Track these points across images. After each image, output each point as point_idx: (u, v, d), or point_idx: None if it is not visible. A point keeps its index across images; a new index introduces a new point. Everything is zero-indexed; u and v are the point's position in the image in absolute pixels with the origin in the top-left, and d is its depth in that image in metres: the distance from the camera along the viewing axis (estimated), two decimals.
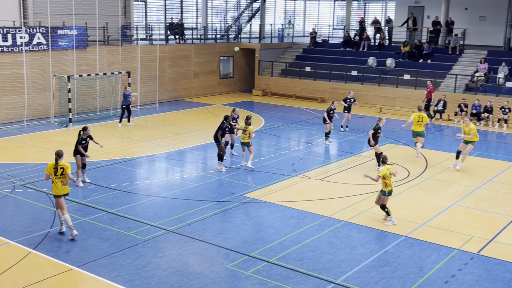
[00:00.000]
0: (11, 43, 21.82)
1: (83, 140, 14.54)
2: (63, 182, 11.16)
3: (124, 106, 21.92)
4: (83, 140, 14.54)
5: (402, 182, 15.58)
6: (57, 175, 11.09)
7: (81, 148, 14.41)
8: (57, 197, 11.21)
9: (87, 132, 14.55)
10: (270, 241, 11.31)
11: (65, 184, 11.17)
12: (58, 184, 11.12)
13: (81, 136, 14.52)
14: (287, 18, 40.87)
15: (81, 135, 14.52)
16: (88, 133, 14.59)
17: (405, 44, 30.45)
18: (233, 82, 33.41)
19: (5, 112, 21.78)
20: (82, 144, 14.52)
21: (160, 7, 32.72)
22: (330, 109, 19.89)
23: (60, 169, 11.10)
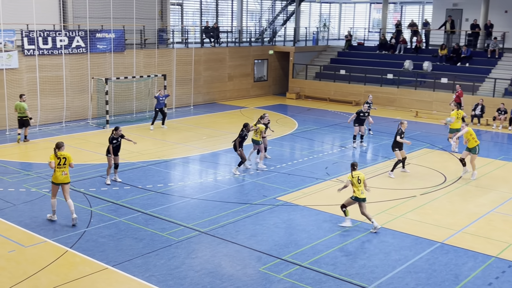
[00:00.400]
0: (51, 46, 22.37)
1: (114, 139, 14.82)
2: (63, 171, 11.90)
3: (158, 109, 22.13)
4: (114, 139, 14.82)
5: (439, 188, 15.31)
6: (59, 164, 11.84)
7: (112, 147, 14.70)
8: (54, 184, 11.99)
9: (118, 132, 14.84)
10: (303, 245, 11.27)
11: (65, 174, 11.92)
12: (57, 173, 11.88)
13: (112, 135, 14.81)
14: (322, 21, 40.72)
15: (112, 135, 14.82)
16: (120, 133, 14.89)
17: (442, 47, 29.94)
18: (267, 85, 33.46)
19: (44, 113, 22.34)
20: (113, 143, 14.81)
21: (196, 11, 33.06)
22: (359, 111, 19.68)
23: (63, 158, 11.85)
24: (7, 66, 21.02)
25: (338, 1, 41.62)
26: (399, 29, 33.41)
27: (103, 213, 12.79)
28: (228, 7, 34.86)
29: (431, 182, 15.84)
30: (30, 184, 14.77)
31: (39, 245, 10.99)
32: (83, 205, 13.27)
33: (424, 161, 18.09)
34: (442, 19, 33.05)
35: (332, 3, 42.70)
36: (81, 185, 14.74)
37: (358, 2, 42.18)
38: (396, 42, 32.52)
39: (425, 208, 13.64)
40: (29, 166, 16.61)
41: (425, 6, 39.05)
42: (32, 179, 15.20)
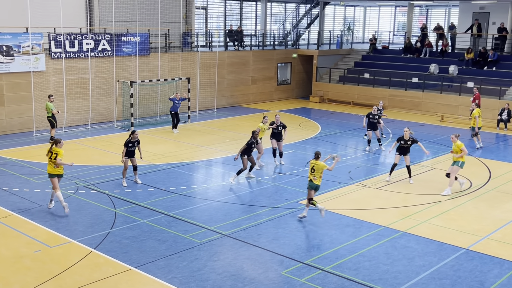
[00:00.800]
0: (77, 49, 22.72)
1: (130, 143, 14.93)
2: (55, 164, 12.77)
3: (173, 112, 22.01)
4: (130, 143, 14.93)
5: (464, 193, 15.09)
6: (51, 158, 12.76)
7: (126, 150, 14.84)
8: (50, 176, 12.93)
9: (135, 136, 14.96)
10: (325, 249, 11.22)
11: (57, 167, 12.82)
12: (50, 165, 12.84)
13: (129, 139, 14.93)
14: (346, 25, 40.54)
15: (129, 138, 14.94)
16: (136, 138, 15.00)
17: (469, 51, 29.53)
18: (290, 88, 33.43)
19: (70, 115, 22.68)
20: (129, 147, 14.93)
21: (220, 15, 33.23)
22: (369, 113, 19.56)
23: (54, 153, 12.73)
24: (35, 69, 21.41)
25: (363, 4, 41.39)
26: (425, 32, 33.06)
27: (127, 214, 12.91)
28: (252, 11, 34.96)
29: (456, 187, 15.60)
30: None
31: (64, 246, 11.15)
32: (107, 207, 13.42)
33: (449, 166, 17.80)
34: (468, 22, 32.61)
35: (357, 6, 42.49)
36: (106, 187, 14.91)
37: (383, 5, 41.87)
38: (421, 46, 32.19)
39: (450, 214, 13.46)
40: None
41: (451, 9, 38.57)
42: None
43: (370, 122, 19.50)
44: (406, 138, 15.88)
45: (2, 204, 13.42)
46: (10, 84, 21.09)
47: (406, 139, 15.87)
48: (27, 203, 13.55)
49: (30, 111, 21.37)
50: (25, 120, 21.56)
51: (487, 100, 26.04)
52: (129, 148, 14.96)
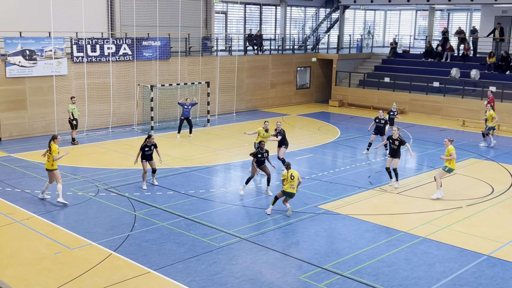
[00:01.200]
0: (99, 53, 22.98)
1: (147, 147, 15.07)
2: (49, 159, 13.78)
3: (182, 118, 21.79)
4: (147, 147, 15.07)
5: (486, 199, 14.88)
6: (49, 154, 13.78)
7: (142, 154, 15.01)
8: (47, 170, 13.95)
9: (151, 140, 15.12)
10: (344, 254, 11.15)
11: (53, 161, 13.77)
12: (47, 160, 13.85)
13: (145, 143, 15.08)
14: (366, 29, 40.36)
15: (145, 143, 15.09)
16: (153, 141, 15.16)
17: (491, 55, 29.17)
18: (310, 92, 33.36)
19: (91, 119, 22.92)
20: (146, 151, 15.07)
21: (240, 19, 33.33)
22: (376, 117, 19.75)
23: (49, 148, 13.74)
24: (57, 73, 21.70)
25: (383, 8, 41.15)
26: (446, 36, 32.75)
27: (146, 217, 13.00)
28: (272, 15, 35.00)
29: (478, 193, 15.42)
30: (77, 188, 15.17)
31: (84, 248, 11.26)
32: (127, 209, 13.53)
33: (471, 172, 17.64)
34: (490, 26, 32.21)
35: (377, 10, 42.27)
36: (126, 190, 15.03)
37: (404, 9, 41.59)
38: (442, 50, 31.88)
39: (471, 220, 13.28)
40: (76, 170, 17.06)
41: (473, 13, 38.15)
42: (79, 183, 15.61)
43: (377, 126, 19.57)
44: (394, 137, 15.78)
45: (24, 206, 13.61)
46: (32, 88, 21.41)
47: (395, 138, 15.76)
48: (48, 205, 13.72)
49: (52, 114, 21.66)
50: (47, 123, 21.86)
51: (509, 104, 25.67)
52: (145, 152, 15.12)
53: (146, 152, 15.13)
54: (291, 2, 34.95)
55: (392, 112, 21.23)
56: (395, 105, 21.93)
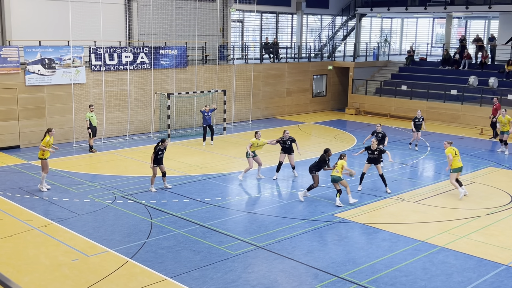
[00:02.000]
0: (117, 62, 23.21)
1: (160, 151, 15.39)
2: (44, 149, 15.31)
3: (205, 126, 21.98)
4: (160, 151, 15.39)
5: (505, 208, 14.68)
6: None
7: (155, 157, 15.34)
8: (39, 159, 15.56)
9: (165, 144, 15.46)
10: (361, 263, 11.07)
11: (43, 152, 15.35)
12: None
13: (159, 147, 15.36)
14: (383, 36, 40.23)
15: (159, 146, 15.36)
16: (166, 145, 15.56)
17: (509, 63, 28.87)
18: (326, 100, 33.30)
19: (109, 126, 23.13)
20: (159, 154, 15.41)
21: (256, 27, 33.44)
22: (373, 131, 19.20)
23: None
24: (75, 81, 21.96)
25: (400, 16, 41.00)
26: (464, 44, 32.52)
27: (162, 224, 13.05)
28: (288, 23, 35.07)
29: (496, 202, 15.22)
30: (94, 195, 15.29)
31: (101, 255, 11.32)
32: (144, 217, 13.59)
33: (489, 180, 17.43)
34: (508, 34, 31.91)
35: (394, 18, 42.13)
36: (143, 197, 15.11)
37: (421, 17, 41.40)
38: (460, 58, 31.65)
39: (490, 229, 13.11)
40: (94, 178, 17.20)
41: (491, 20, 37.83)
42: (96, 190, 15.73)
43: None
44: (373, 148, 15.82)
45: (42, 213, 13.75)
46: (51, 96, 21.68)
47: (373, 149, 15.82)
48: (66, 212, 13.85)
49: (71, 122, 21.90)
50: (66, 131, 22.10)
51: None
52: (158, 156, 15.41)
53: (159, 155, 15.43)
54: (307, 11, 35.00)
55: (417, 119, 21.14)
56: (419, 112, 21.87)
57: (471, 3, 31.27)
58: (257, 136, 17.12)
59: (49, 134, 15.62)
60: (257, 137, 17.10)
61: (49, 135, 15.59)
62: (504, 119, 21.25)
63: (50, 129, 15.80)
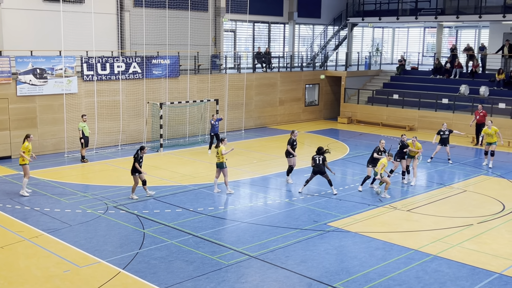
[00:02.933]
0: (109, 71, 23.18)
1: (141, 158, 15.66)
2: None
3: (212, 134, 22.51)
4: (141, 158, 15.66)
5: (497, 216, 14.73)
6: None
7: (138, 165, 15.49)
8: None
9: (144, 151, 15.72)
10: (354, 272, 11.05)
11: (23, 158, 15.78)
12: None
13: (139, 154, 15.59)
14: (374, 46, 40.48)
15: (139, 154, 15.58)
16: (145, 152, 15.81)
17: (500, 72, 29.11)
18: (318, 109, 33.40)
19: (101, 136, 23.05)
20: (140, 162, 15.60)
21: (249, 37, 33.55)
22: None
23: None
24: (67, 91, 21.90)
25: (391, 25, 41.29)
26: (454, 53, 32.77)
27: (155, 235, 12.98)
28: (280, 33, 35.22)
29: (488, 210, 15.28)
30: (86, 205, 15.20)
31: (93, 266, 11.24)
32: (136, 227, 13.52)
33: (481, 189, 17.50)
34: (499, 43, 32.20)
35: (385, 27, 42.42)
36: (135, 207, 15.04)
37: (412, 27, 41.71)
38: (451, 67, 31.87)
39: (482, 237, 13.14)
40: (85, 188, 17.11)
41: (481, 30, 38.16)
42: (88, 201, 15.65)
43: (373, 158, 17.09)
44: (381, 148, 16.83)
45: (34, 224, 13.64)
46: (43, 106, 21.60)
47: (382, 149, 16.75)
48: (57, 223, 13.75)
49: (62, 132, 21.81)
50: (57, 141, 22.00)
51: None
52: (140, 163, 15.63)
53: (140, 163, 15.65)
54: (299, 20, 35.18)
55: (443, 132, 20.72)
56: (445, 125, 21.31)
57: (462, 12, 31.55)
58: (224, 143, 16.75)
59: (28, 140, 15.89)
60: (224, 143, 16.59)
61: (28, 141, 15.87)
62: (491, 131, 20.75)
63: (28, 135, 16.06)
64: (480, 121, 24.26)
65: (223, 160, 16.27)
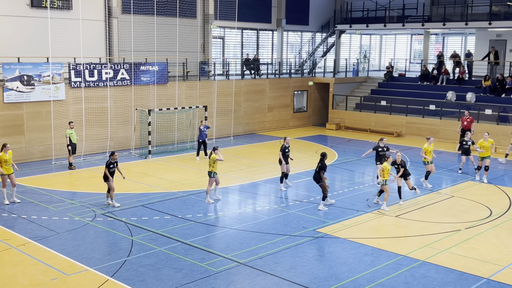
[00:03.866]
0: (97, 78, 23.09)
1: (111, 164, 15.48)
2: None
3: (200, 141, 22.49)
4: (111, 164, 15.48)
5: (484, 222, 14.84)
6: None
7: (109, 171, 15.40)
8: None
9: (115, 157, 15.56)
10: (343, 278, 11.06)
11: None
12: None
13: (109, 160, 15.47)
14: (362, 53, 40.74)
15: (109, 160, 15.47)
16: (116, 158, 15.62)
17: (486, 78, 29.42)
18: (307, 116, 33.50)
19: (89, 143, 22.92)
20: (110, 168, 15.48)
21: (237, 44, 33.61)
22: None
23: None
24: (54, 98, 21.77)
25: (379, 32, 41.59)
26: (441, 60, 33.07)
27: (143, 242, 12.91)
28: (269, 40, 35.32)
29: (476, 215, 15.39)
30: (74, 212, 15.09)
31: (81, 274, 11.15)
32: (124, 234, 13.44)
33: (468, 194, 17.63)
34: (485, 50, 32.55)
35: (373, 34, 42.71)
36: (123, 215, 14.96)
37: (399, 34, 42.04)
38: (438, 73, 32.15)
39: (470, 243, 13.23)
40: (73, 195, 17.00)
41: (468, 37, 38.56)
42: (75, 208, 15.54)
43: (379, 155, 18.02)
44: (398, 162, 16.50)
45: (21, 231, 13.52)
46: (30, 113, 21.45)
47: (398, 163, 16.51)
48: (45, 230, 13.63)
49: (50, 139, 21.66)
50: (45, 148, 21.85)
51: (505, 127, 25.83)
52: (110, 169, 15.45)
53: (111, 169, 15.48)
54: (287, 27, 35.32)
55: (465, 142, 19.99)
56: (469, 135, 20.32)
57: (448, 20, 31.88)
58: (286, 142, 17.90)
59: (3, 150, 15.65)
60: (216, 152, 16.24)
61: (3, 151, 15.62)
62: (487, 144, 19.19)
63: (4, 145, 15.80)
64: (466, 127, 24.46)
65: (212, 169, 16.10)
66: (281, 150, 17.93)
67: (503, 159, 22.52)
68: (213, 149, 16.53)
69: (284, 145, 18.00)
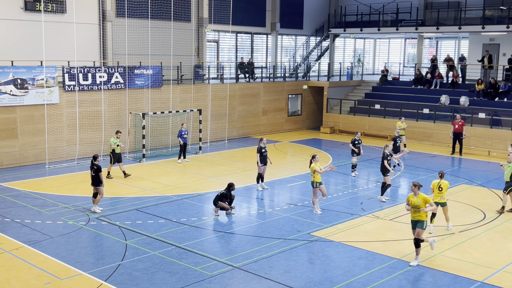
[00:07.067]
0: (91, 82, 23.04)
1: (96, 167, 15.39)
2: None
3: (183, 143, 22.30)
4: (96, 167, 15.39)
5: (478, 225, 14.89)
6: None
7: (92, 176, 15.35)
8: None
9: (98, 161, 15.56)
10: (338, 282, 11.07)
11: None
12: None
13: (93, 164, 15.44)
14: (356, 56, 40.87)
15: (93, 163, 15.42)
16: (99, 162, 15.63)
17: (479, 82, 29.56)
18: (301, 119, 33.54)
19: (83, 147, 22.85)
20: (95, 172, 15.37)
21: (232, 47, 33.64)
22: (354, 139, 20.38)
23: None
24: (48, 102, 21.70)
25: (373, 36, 41.74)
26: (435, 64, 33.21)
27: (137, 246, 12.87)
28: (263, 44, 35.38)
29: (470, 219, 15.44)
30: (68, 217, 15.03)
31: (74, 278, 11.10)
32: (118, 238, 13.39)
33: (462, 198, 17.68)
34: (478, 53, 32.73)
35: (367, 38, 42.86)
36: (117, 218, 14.91)
37: (393, 38, 42.21)
38: (432, 77, 32.28)
39: (464, 246, 13.27)
40: (67, 199, 16.93)
41: (461, 41, 38.76)
42: (69, 212, 15.48)
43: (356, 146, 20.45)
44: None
45: (14, 236, 13.45)
46: (24, 117, 21.36)
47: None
48: (38, 235, 13.57)
49: (43, 143, 21.58)
50: (38, 152, 21.76)
51: (498, 131, 25.94)
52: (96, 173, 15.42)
53: (96, 173, 15.39)
54: (282, 31, 35.40)
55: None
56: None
57: (442, 24, 32.04)
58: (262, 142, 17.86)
59: None
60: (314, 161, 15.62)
61: None
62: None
63: None
64: (458, 130, 24.58)
65: (314, 179, 15.39)
66: (258, 151, 18.01)
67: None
68: (312, 157, 15.66)
69: (261, 146, 18.10)
